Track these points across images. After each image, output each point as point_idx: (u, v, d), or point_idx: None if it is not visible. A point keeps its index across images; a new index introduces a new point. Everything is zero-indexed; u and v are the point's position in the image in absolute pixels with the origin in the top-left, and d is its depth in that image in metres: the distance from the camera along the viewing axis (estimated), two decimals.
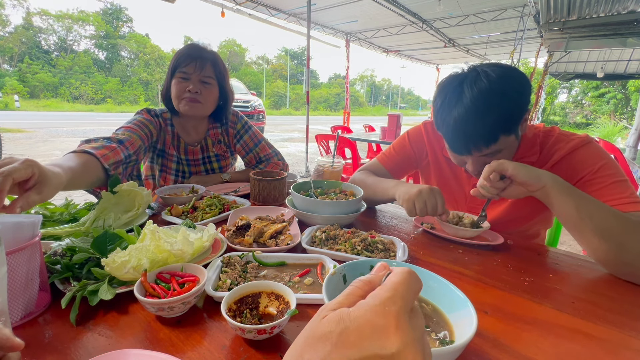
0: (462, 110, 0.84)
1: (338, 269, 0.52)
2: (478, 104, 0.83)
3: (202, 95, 1.28)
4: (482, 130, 0.85)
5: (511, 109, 0.84)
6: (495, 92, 0.82)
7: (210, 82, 1.29)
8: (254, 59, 49.55)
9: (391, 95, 71.98)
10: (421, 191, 0.91)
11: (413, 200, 0.92)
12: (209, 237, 0.72)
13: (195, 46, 1.30)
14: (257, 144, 1.51)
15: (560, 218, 0.78)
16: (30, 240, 0.53)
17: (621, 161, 3.06)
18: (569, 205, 0.74)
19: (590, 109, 22.87)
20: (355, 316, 0.24)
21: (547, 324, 0.56)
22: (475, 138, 0.86)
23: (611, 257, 0.72)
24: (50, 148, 6.99)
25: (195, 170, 1.45)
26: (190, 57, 1.25)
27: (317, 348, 0.23)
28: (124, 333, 0.51)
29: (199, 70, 1.26)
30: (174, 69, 1.27)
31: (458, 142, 0.90)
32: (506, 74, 0.84)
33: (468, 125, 0.85)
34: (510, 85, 0.83)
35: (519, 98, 0.84)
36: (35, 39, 28.34)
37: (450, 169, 1.16)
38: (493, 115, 0.83)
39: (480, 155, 0.90)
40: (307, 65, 5.24)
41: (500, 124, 0.84)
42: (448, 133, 0.91)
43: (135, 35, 34.91)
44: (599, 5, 4.94)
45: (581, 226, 0.74)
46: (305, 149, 5.78)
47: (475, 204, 1.10)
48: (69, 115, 16.58)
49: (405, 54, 14.32)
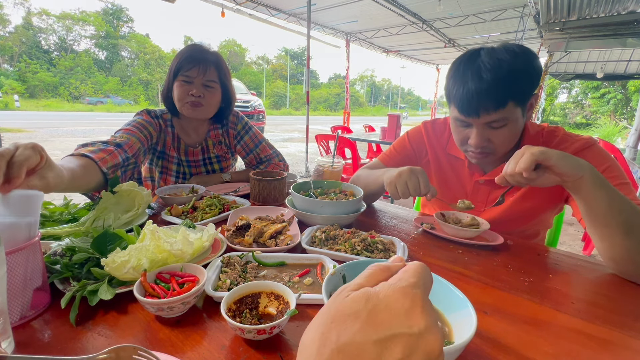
0: (476, 71, 0.87)
1: (338, 269, 0.52)
2: (493, 65, 0.85)
3: (205, 99, 1.27)
4: (494, 92, 0.86)
5: (523, 78, 0.86)
6: (511, 59, 0.85)
7: (213, 86, 1.29)
8: (254, 59, 49.61)
9: (391, 95, 71.98)
10: (401, 173, 0.93)
11: (394, 183, 0.93)
12: (208, 237, 0.72)
13: (197, 48, 1.28)
14: (257, 145, 1.50)
15: (588, 210, 0.74)
16: (30, 240, 0.53)
17: (621, 161, 3.06)
18: (602, 198, 0.70)
19: (591, 110, 22.87)
20: (384, 295, 0.25)
21: (547, 324, 0.56)
22: (485, 99, 0.87)
23: (630, 255, 0.70)
24: (50, 148, 6.98)
25: (195, 171, 1.44)
26: (193, 60, 1.23)
27: (346, 325, 0.24)
28: (123, 333, 0.51)
29: (202, 74, 1.24)
30: (177, 71, 1.25)
31: (468, 103, 0.90)
32: (522, 50, 0.88)
33: (481, 84, 0.86)
34: (525, 58, 0.87)
35: (532, 70, 0.87)
36: (35, 38, 28.35)
37: (451, 166, 1.16)
38: (506, 79, 0.85)
39: (485, 123, 0.91)
40: (307, 65, 5.25)
41: (511, 88, 0.86)
42: (459, 94, 0.91)
43: (135, 35, 34.95)
44: (599, 5, 4.94)
45: (609, 220, 0.71)
46: (305, 149, 5.78)
47: (476, 201, 1.10)
48: (69, 115, 16.57)
49: (405, 54, 14.32)
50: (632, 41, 5.42)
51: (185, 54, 1.25)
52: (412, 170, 0.93)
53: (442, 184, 1.19)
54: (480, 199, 1.10)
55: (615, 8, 4.98)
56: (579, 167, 0.71)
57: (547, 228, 1.14)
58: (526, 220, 1.05)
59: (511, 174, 0.75)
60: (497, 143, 0.94)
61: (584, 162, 0.72)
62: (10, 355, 0.38)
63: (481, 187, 1.09)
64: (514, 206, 1.03)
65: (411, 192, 0.91)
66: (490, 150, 0.95)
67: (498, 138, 0.93)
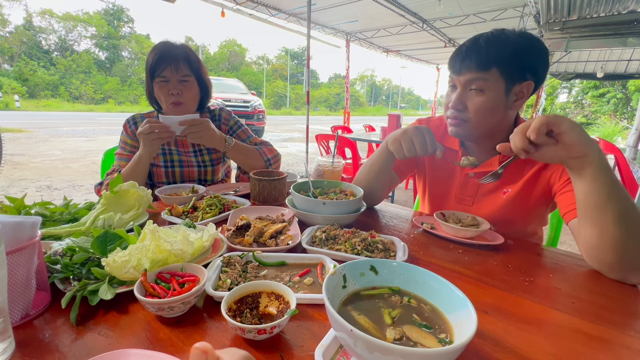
0: (476, 37, 0.93)
1: (338, 269, 0.52)
2: (492, 34, 0.91)
3: (183, 96, 1.33)
4: (483, 52, 0.89)
5: (515, 54, 0.88)
6: (513, 36, 0.89)
7: (188, 79, 1.34)
8: (254, 59, 49.54)
9: (391, 95, 71.95)
10: (406, 130, 0.94)
11: (399, 140, 0.94)
12: (209, 237, 0.72)
13: (165, 47, 1.30)
14: (249, 137, 1.56)
15: (588, 193, 0.71)
16: (30, 241, 0.53)
17: (621, 161, 3.05)
18: (603, 183, 0.68)
19: (591, 109, 22.85)
20: None
21: (547, 324, 0.56)
22: (472, 55, 0.90)
23: (615, 244, 0.69)
24: (50, 148, 6.99)
25: (185, 158, 1.46)
26: (164, 60, 1.27)
27: None
28: (124, 333, 0.51)
29: (175, 71, 1.29)
30: (152, 73, 1.29)
31: (455, 58, 0.95)
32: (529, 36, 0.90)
33: (473, 45, 0.91)
34: (527, 42, 0.89)
35: (527, 53, 0.89)
36: (35, 38, 28.34)
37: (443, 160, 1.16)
38: (497, 46, 0.88)
39: (466, 82, 0.93)
40: (307, 65, 5.24)
41: (499, 56, 0.88)
42: (454, 53, 0.97)
43: (136, 35, 34.94)
44: (599, 5, 4.94)
45: (605, 206, 0.69)
46: (306, 149, 5.77)
47: (465, 194, 1.10)
48: (69, 115, 16.58)
49: (405, 54, 14.31)
50: (633, 41, 5.41)
51: (157, 55, 1.28)
52: (417, 128, 0.94)
53: (434, 180, 1.20)
54: (469, 193, 1.10)
55: (615, 7, 4.98)
56: (589, 142, 0.68)
57: (543, 225, 1.14)
58: (521, 223, 1.05)
59: (520, 137, 0.71)
60: (471, 109, 0.94)
61: (592, 140, 0.68)
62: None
63: (470, 180, 1.09)
64: (507, 207, 1.03)
65: (417, 150, 0.91)
66: (464, 117, 0.96)
67: (473, 104, 0.94)
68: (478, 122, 0.95)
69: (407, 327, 0.45)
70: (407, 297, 0.51)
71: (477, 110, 0.93)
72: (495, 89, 0.90)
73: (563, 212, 0.89)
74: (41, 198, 3.64)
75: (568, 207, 0.87)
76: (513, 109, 0.96)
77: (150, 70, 1.29)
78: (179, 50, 1.31)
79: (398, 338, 0.43)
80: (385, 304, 0.50)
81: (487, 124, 0.96)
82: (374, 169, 1.12)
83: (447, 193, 1.16)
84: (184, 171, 1.45)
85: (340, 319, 0.38)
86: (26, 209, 0.87)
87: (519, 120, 1.02)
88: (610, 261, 0.71)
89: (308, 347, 0.49)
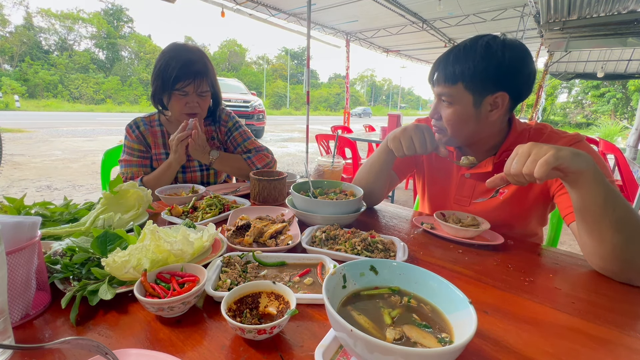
0: (452, 47, 0.93)
1: (338, 269, 0.52)
2: (463, 47, 0.90)
3: (200, 107, 1.36)
4: (449, 67, 0.90)
5: (482, 69, 0.87)
6: (482, 50, 0.86)
7: (206, 95, 1.37)
8: (254, 59, 49.61)
9: (391, 95, 71.96)
10: (406, 128, 0.95)
11: (399, 138, 0.94)
12: (209, 237, 0.72)
13: (184, 56, 1.28)
14: (245, 140, 1.54)
15: (584, 204, 0.71)
16: (30, 241, 0.53)
17: (621, 161, 3.05)
18: (599, 195, 0.68)
19: (591, 109, 22.85)
20: None
21: (547, 324, 0.56)
22: (441, 69, 0.92)
23: (615, 252, 0.69)
24: (50, 148, 6.99)
25: (187, 163, 1.46)
26: (187, 76, 1.26)
27: None
28: (124, 333, 0.51)
29: (197, 87, 1.31)
30: (171, 84, 1.26)
31: (432, 68, 0.97)
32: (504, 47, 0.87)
33: (444, 57, 0.92)
34: (497, 55, 0.86)
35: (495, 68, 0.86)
36: (35, 38, 28.34)
37: (441, 161, 1.17)
38: (463, 61, 0.87)
39: (438, 94, 0.95)
40: (307, 65, 5.24)
41: (465, 71, 0.88)
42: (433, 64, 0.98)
43: (136, 35, 34.94)
44: (599, 5, 4.94)
45: (602, 216, 0.69)
46: (306, 149, 5.77)
47: (461, 195, 1.10)
48: (69, 116, 16.58)
49: (405, 54, 14.31)
50: (633, 40, 5.41)
51: (177, 66, 1.25)
52: (417, 126, 0.94)
53: (432, 180, 1.20)
54: (465, 193, 1.10)
55: (615, 7, 4.98)
56: (587, 162, 0.68)
57: (543, 226, 1.14)
58: (521, 224, 1.04)
59: (515, 174, 0.70)
60: (444, 120, 0.96)
61: (589, 157, 0.69)
62: None
63: (467, 181, 1.09)
64: (506, 210, 1.03)
65: (417, 148, 0.92)
66: (441, 127, 0.98)
67: (445, 115, 0.95)
68: (453, 131, 0.97)
69: (407, 327, 0.45)
70: (407, 297, 0.51)
71: (448, 121, 0.96)
72: (462, 102, 0.92)
73: (564, 214, 0.89)
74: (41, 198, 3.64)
75: (568, 209, 0.87)
76: (492, 118, 0.94)
77: (171, 82, 1.26)
78: (199, 64, 1.29)
79: (398, 338, 0.43)
80: (385, 304, 0.50)
81: (464, 134, 0.97)
82: (373, 168, 1.12)
83: (446, 193, 1.16)
84: (187, 176, 1.46)
85: (340, 319, 0.38)
86: (26, 209, 0.87)
87: (514, 122, 1.01)
88: (613, 268, 0.72)
89: (308, 347, 0.49)
